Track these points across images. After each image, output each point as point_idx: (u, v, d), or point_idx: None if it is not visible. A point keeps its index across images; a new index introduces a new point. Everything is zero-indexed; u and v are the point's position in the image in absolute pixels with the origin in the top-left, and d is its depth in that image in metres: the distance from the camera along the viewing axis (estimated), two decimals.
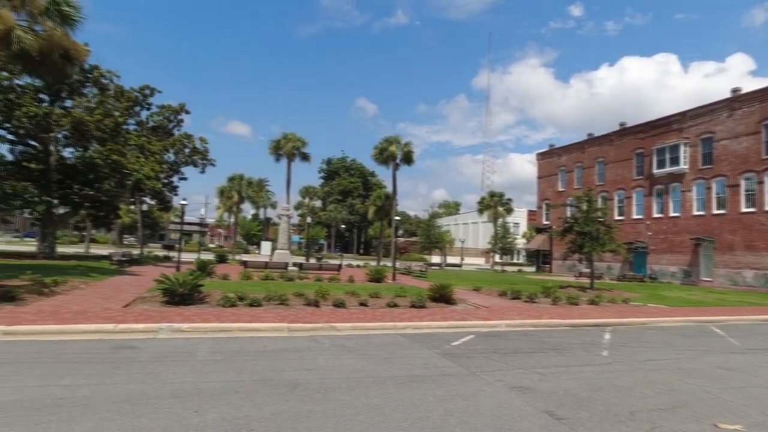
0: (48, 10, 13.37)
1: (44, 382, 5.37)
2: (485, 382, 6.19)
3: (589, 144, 45.50)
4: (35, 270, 14.74)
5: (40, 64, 14.29)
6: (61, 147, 26.05)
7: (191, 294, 12.27)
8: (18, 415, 4.30)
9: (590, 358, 8.35)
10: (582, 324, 12.55)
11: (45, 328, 8.43)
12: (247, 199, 56.89)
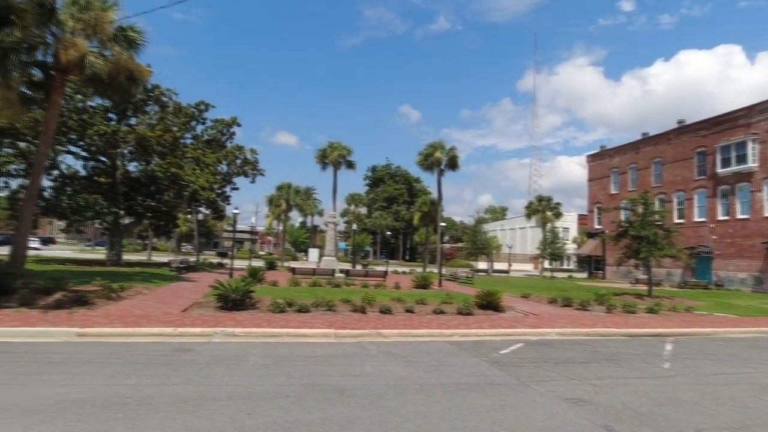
0: (116, 36, 14.47)
1: (112, 382, 5.75)
2: (536, 393, 6.00)
3: (644, 144, 43.19)
4: (104, 276, 15.86)
5: (109, 86, 15.47)
6: (126, 162, 28.02)
7: (243, 300, 12.73)
8: (90, 412, 4.62)
9: (650, 370, 7.89)
10: (640, 334, 11.88)
11: (113, 331, 9.03)
12: (295, 207, 58.48)
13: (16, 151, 23.70)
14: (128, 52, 14.97)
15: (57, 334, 8.57)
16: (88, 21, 13.83)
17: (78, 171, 26.81)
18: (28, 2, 12.86)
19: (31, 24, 13.13)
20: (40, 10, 13.05)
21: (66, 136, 23.92)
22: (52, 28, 13.77)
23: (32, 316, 9.84)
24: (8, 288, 11.47)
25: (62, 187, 25.71)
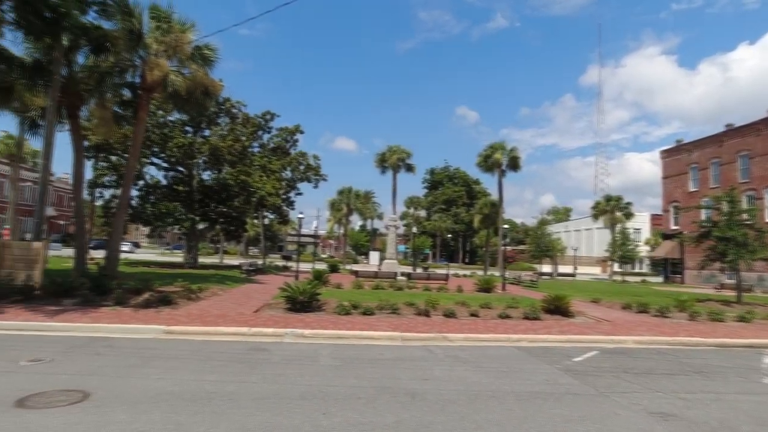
0: (193, 54, 15.61)
1: (198, 377, 6.18)
2: (618, 405, 5.68)
3: (729, 136, 39.43)
4: (184, 278, 17.08)
5: (187, 101, 16.69)
6: (200, 171, 30.02)
7: (310, 302, 13.15)
8: (181, 405, 5.00)
9: (747, 385, 7.19)
10: (732, 344, 10.86)
11: (195, 329, 9.69)
12: (356, 210, 59.57)
13: (109, 164, 26.23)
14: (204, 69, 16.07)
15: (148, 331, 9.34)
16: (170, 43, 15.01)
17: (160, 181, 29.18)
18: (121, 29, 14.22)
19: (122, 49, 14.51)
20: (130, 36, 14.37)
21: (149, 149, 26.13)
22: (139, 52, 15.12)
23: (126, 314, 10.80)
24: (106, 288, 12.68)
25: (146, 195, 28.09)
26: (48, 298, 11.78)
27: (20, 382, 5.57)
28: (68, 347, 7.64)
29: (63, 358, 6.88)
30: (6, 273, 11.90)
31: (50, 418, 4.47)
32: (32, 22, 11.80)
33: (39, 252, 12.17)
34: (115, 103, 16.28)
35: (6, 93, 14.48)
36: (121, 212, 16.27)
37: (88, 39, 13.29)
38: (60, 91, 13.30)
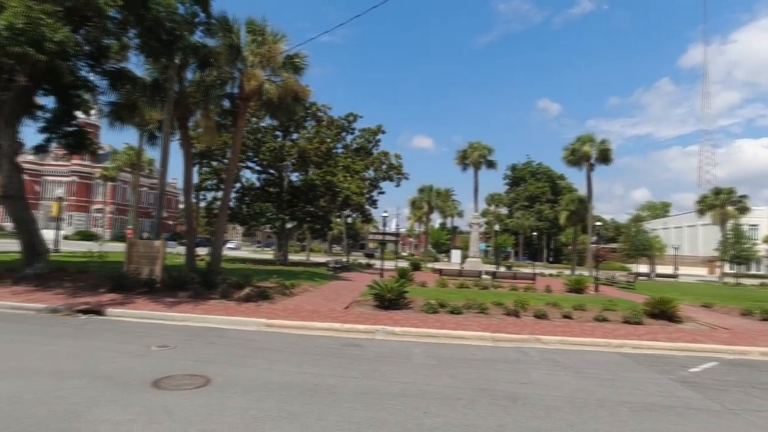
0: (284, 63, 16.56)
1: (300, 369, 6.54)
2: (753, 425, 5.05)
3: None
4: (277, 274, 18.17)
5: (278, 107, 17.73)
6: (289, 173, 31.77)
7: (398, 299, 13.33)
8: (290, 395, 5.33)
9: None
10: None
11: (292, 323, 10.26)
12: (436, 208, 59.33)
13: (211, 169, 28.74)
14: (294, 76, 16.97)
15: (251, 324, 10.07)
16: (264, 54, 16.04)
17: (254, 183, 31.37)
18: (222, 45, 15.52)
19: (223, 63, 15.81)
20: (230, 51, 15.62)
21: (245, 153, 28.20)
22: (238, 64, 16.36)
23: (231, 307, 11.73)
24: (212, 283, 13.89)
25: (242, 197, 30.36)
26: (166, 290, 13.16)
27: (153, 365, 6.29)
28: (187, 336, 8.49)
29: (184, 346, 7.65)
30: (133, 268, 13.52)
31: (181, 399, 4.99)
32: (152, 46, 13.29)
33: (159, 249, 13.66)
34: (216, 113, 17.77)
35: (131, 110, 16.50)
36: (223, 213, 17.74)
37: (196, 56, 14.67)
38: (172, 105, 14.81)
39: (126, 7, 11.38)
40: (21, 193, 14.67)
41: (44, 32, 9.79)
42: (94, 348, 7.16)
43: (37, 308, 10.43)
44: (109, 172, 56.94)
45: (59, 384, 5.29)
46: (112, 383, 5.41)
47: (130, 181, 70.14)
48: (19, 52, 9.71)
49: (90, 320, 9.69)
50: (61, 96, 16.20)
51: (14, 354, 6.58)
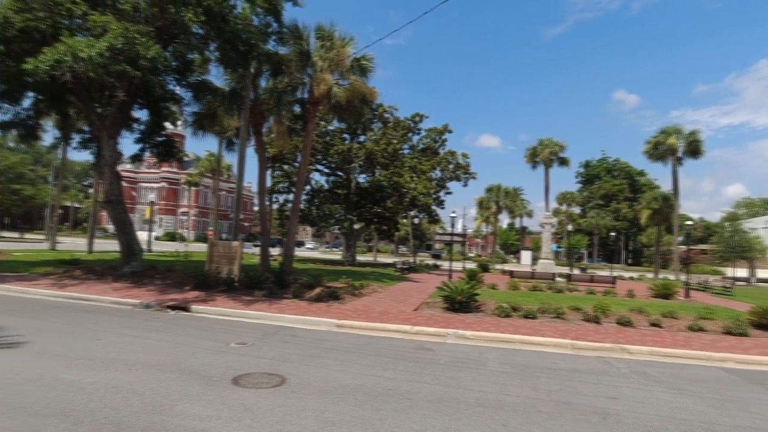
0: (352, 66, 16.82)
1: (373, 372, 6.48)
2: None
3: None
4: (346, 275, 18.46)
5: (346, 110, 18.04)
6: (356, 174, 32.29)
7: (468, 302, 12.96)
8: (363, 399, 5.26)
9: None
10: None
11: (362, 324, 10.30)
12: (504, 208, 57.49)
13: (282, 172, 29.97)
14: (361, 79, 17.17)
15: (322, 324, 10.24)
16: (332, 58, 16.38)
17: (323, 185, 32.26)
18: (293, 52, 16.09)
19: (294, 70, 16.38)
20: (300, 57, 16.15)
21: (314, 156, 29.05)
22: (307, 70, 16.86)
23: (303, 306, 12.04)
24: (285, 283, 14.38)
25: (312, 199, 31.32)
26: (243, 289, 13.82)
27: (232, 362, 6.54)
28: (263, 334, 8.79)
29: (261, 344, 7.91)
30: (214, 267, 14.35)
31: (259, 397, 5.10)
32: (230, 57, 14.08)
33: (237, 250, 14.39)
34: (288, 118, 18.44)
35: (212, 118, 17.62)
36: (294, 215, 18.35)
37: (270, 64, 15.34)
38: (248, 112, 15.57)
39: (207, 22, 12.12)
40: (120, 198, 16.16)
41: (139, 50, 10.70)
42: (180, 343, 7.61)
43: (133, 303, 11.36)
44: (193, 177, 61.49)
45: (151, 376, 5.64)
46: (196, 378, 5.68)
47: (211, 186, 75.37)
48: (119, 70, 10.68)
49: (177, 316, 10.36)
50: (153, 109, 17.67)
51: (116, 346, 7.15)
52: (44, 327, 8.27)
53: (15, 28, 10.82)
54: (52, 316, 9.46)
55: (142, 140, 18.71)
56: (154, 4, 12.26)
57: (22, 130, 16.91)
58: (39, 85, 13.34)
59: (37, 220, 66.00)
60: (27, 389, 4.96)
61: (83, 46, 10.14)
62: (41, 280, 13.84)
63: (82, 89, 13.73)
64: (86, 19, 11.00)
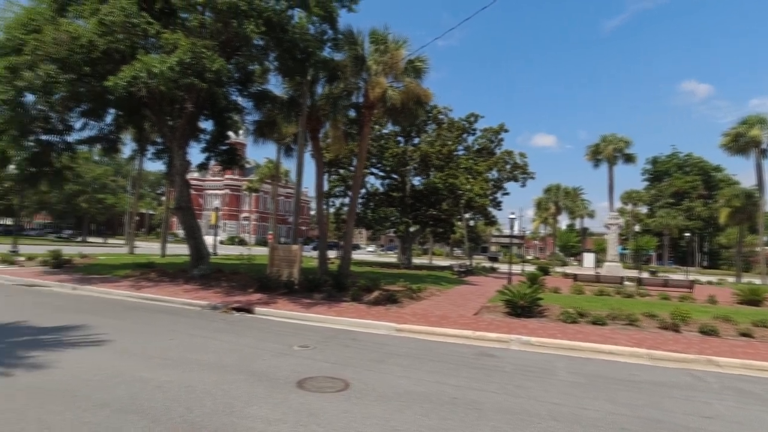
0: (406, 68, 16.76)
1: (436, 379, 6.29)
2: None
3: None
4: (403, 278, 18.35)
5: (401, 112, 17.98)
6: (411, 177, 32.19)
7: (530, 307, 12.43)
8: (428, 407, 5.10)
9: None
10: None
11: (421, 329, 10.13)
12: (564, 209, 55.05)
13: (338, 177, 30.48)
14: (416, 81, 17.06)
15: (382, 328, 10.19)
16: (386, 62, 16.41)
17: (378, 188, 32.44)
18: (348, 57, 16.31)
19: (349, 75, 16.58)
20: (355, 62, 16.32)
21: (369, 160, 29.30)
22: (362, 75, 16.99)
23: (362, 309, 12.06)
24: (344, 286, 14.51)
25: (367, 202, 31.56)
26: (303, 292, 14.09)
27: (296, 365, 6.61)
28: (324, 337, 8.86)
29: (322, 347, 7.97)
30: (275, 270, 14.78)
31: (323, 402, 5.09)
32: (288, 66, 14.52)
33: (297, 253, 14.74)
34: (343, 122, 18.69)
35: (271, 126, 18.26)
36: (351, 218, 18.54)
37: (326, 70, 15.63)
38: (305, 118, 15.95)
39: (267, 33, 12.56)
40: (189, 204, 17.12)
41: (205, 64, 11.28)
42: (246, 345, 7.83)
43: (201, 305, 11.91)
44: (253, 184, 64.18)
45: (221, 377, 5.81)
46: (263, 380, 5.78)
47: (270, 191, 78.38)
48: (187, 83, 11.33)
49: (242, 318, 10.73)
50: (217, 119, 18.59)
51: (188, 347, 7.49)
52: (124, 326, 8.83)
53: (99, 50, 11.79)
54: (130, 316, 10.11)
55: (208, 149, 19.74)
56: (219, 20, 12.87)
57: (105, 144, 18.40)
58: (119, 102, 14.44)
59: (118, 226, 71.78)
60: (109, 386, 5.27)
61: (156, 62, 10.84)
62: (121, 282, 14.90)
63: (155, 103, 14.70)
64: (159, 38, 11.77)
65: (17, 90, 12.54)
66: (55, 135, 16.57)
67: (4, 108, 12.99)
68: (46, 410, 4.46)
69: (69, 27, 11.89)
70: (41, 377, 5.43)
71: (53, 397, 4.80)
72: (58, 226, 65.01)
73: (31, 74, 11.98)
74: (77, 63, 12.21)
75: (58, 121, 15.87)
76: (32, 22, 12.43)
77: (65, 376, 5.53)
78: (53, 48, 11.78)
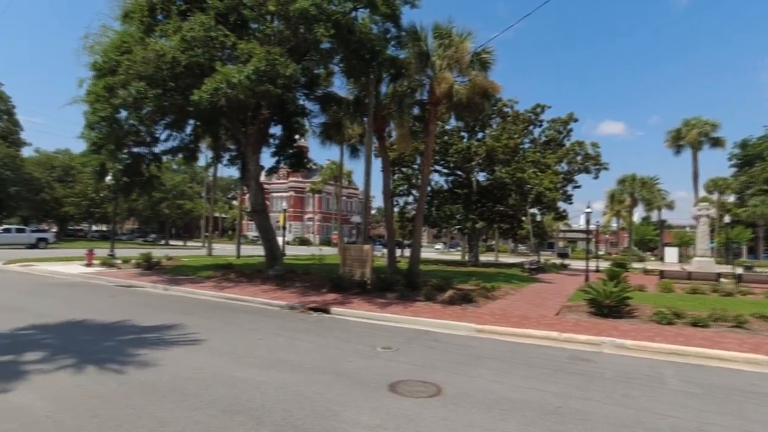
0: (472, 61, 16.31)
1: (532, 385, 5.95)
2: None
3: None
4: (470, 276, 17.90)
5: (466, 107, 17.56)
6: (476, 172, 31.45)
7: (618, 306, 11.62)
8: (532, 417, 4.80)
9: None
10: None
11: (503, 329, 9.74)
12: (641, 201, 51.11)
13: (401, 175, 30.44)
14: (482, 73, 16.55)
15: (461, 328, 9.92)
16: (451, 56, 16.05)
17: (442, 186, 32.00)
18: (411, 54, 16.16)
19: (413, 72, 16.43)
20: (419, 58, 16.13)
21: (433, 157, 28.96)
22: (427, 71, 16.75)
23: (437, 309, 11.85)
24: (415, 285, 14.38)
25: (431, 200, 31.25)
26: (376, 291, 14.12)
27: (382, 367, 6.55)
28: (405, 338, 8.76)
29: (405, 348, 7.87)
30: (347, 270, 14.95)
31: (419, 408, 4.95)
32: (354, 66, 14.66)
33: (368, 253, 14.82)
34: (408, 121, 18.56)
35: (337, 127, 18.56)
36: (419, 217, 18.37)
37: (393, 68, 15.56)
38: (372, 118, 16.00)
39: (335, 35, 12.71)
40: (264, 207, 17.83)
41: (278, 70, 11.64)
42: (330, 346, 7.90)
43: (280, 305, 12.28)
44: (316, 185, 66.03)
45: (313, 378, 5.87)
46: (354, 383, 5.76)
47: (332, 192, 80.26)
48: (263, 90, 11.76)
49: (320, 318, 10.91)
50: (285, 124, 19.18)
51: (275, 347, 7.70)
52: (214, 326, 9.27)
53: (181, 65, 12.54)
54: (217, 315, 10.62)
55: (277, 153, 20.44)
56: (288, 27, 13.24)
57: (185, 153, 19.62)
58: (198, 113, 15.30)
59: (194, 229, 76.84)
60: (211, 385, 5.48)
61: (234, 72, 11.34)
62: (205, 283, 15.78)
63: (232, 112, 15.44)
64: (235, 49, 12.30)
65: (113, 107, 13.71)
66: (144, 147, 17.97)
67: (103, 124, 14.24)
68: (160, 408, 4.70)
69: (155, 46, 12.77)
70: (151, 376, 5.76)
71: (164, 395, 5.06)
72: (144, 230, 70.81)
73: (125, 92, 13.03)
74: (163, 78, 13.10)
75: (146, 134, 17.15)
76: (124, 44, 13.50)
77: (171, 374, 5.84)
78: (142, 66, 12.70)
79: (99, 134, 14.74)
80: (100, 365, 6.10)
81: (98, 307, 11.23)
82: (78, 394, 5.03)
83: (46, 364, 6.14)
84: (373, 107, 16.35)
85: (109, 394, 5.04)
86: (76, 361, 6.25)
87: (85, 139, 15.38)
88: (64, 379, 5.56)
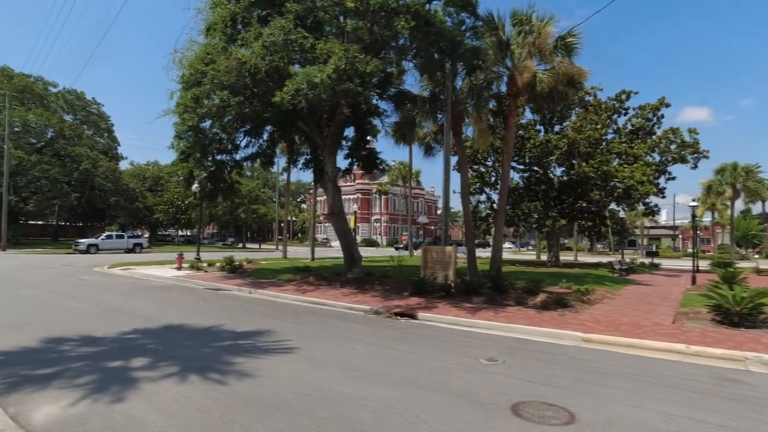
0: (555, 47, 15.10)
1: (686, 413, 4.97)
2: None
3: None
4: (557, 278, 16.59)
5: (547, 97, 16.30)
6: (554, 168, 29.56)
7: (750, 314, 10.02)
8: None
9: None
10: None
11: (614, 339, 8.65)
12: (744, 192, 45.61)
13: (475, 173, 29.31)
14: (567, 59, 15.26)
15: (564, 337, 8.96)
16: (532, 42, 14.98)
17: (518, 183, 30.41)
18: (489, 44, 15.27)
19: (491, 63, 15.52)
20: (498, 48, 15.21)
21: None
22: (505, 61, 15.77)
23: (532, 315, 10.91)
24: (502, 288, 13.50)
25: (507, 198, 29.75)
26: (460, 295, 13.41)
27: (494, 384, 5.88)
28: (507, 348, 8.01)
29: (511, 360, 7.13)
30: (429, 273, 14.37)
31: None
32: (429, 61, 14.09)
33: (451, 255, 14.15)
34: (486, 115, 17.64)
35: (411, 126, 18.05)
36: (501, 216, 17.36)
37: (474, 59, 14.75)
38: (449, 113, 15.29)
39: (415, 27, 12.22)
40: (341, 209, 17.75)
41: (358, 67, 11.38)
42: (429, 356, 7.34)
43: (364, 309, 11.95)
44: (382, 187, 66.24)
45: (421, 396, 5.35)
46: (469, 403, 5.15)
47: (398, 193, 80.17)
48: (344, 88, 11.56)
49: (408, 324, 10.41)
50: (358, 125, 19.00)
51: (370, 357, 7.30)
52: (304, 332, 9.08)
53: (262, 71, 12.69)
54: (304, 320, 10.47)
55: (350, 155, 20.35)
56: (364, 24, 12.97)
57: (263, 159, 20.13)
58: (276, 119, 15.50)
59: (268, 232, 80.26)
60: (316, 400, 5.14)
61: (316, 73, 11.23)
62: (286, 286, 15.94)
63: (309, 115, 15.50)
64: (314, 50, 12.22)
65: (199, 117, 14.24)
66: (226, 154, 18.63)
67: (190, 134, 14.85)
68: (270, 428, 4.39)
69: (237, 54, 13.04)
70: (253, 388, 5.53)
71: (270, 412, 4.77)
72: (223, 234, 75.13)
73: (210, 101, 13.46)
74: (244, 86, 13.36)
75: (227, 141, 17.75)
76: (208, 55, 13.95)
77: (273, 387, 5.57)
78: (225, 76, 13.02)
79: (187, 143, 15.40)
80: (202, 374, 6.00)
81: (192, 309, 11.59)
82: (187, 407, 4.88)
83: (152, 371, 6.15)
84: (450, 102, 15.63)
85: (216, 409, 4.84)
86: (180, 369, 6.21)
87: (175, 148, 16.18)
88: (171, 388, 5.48)
